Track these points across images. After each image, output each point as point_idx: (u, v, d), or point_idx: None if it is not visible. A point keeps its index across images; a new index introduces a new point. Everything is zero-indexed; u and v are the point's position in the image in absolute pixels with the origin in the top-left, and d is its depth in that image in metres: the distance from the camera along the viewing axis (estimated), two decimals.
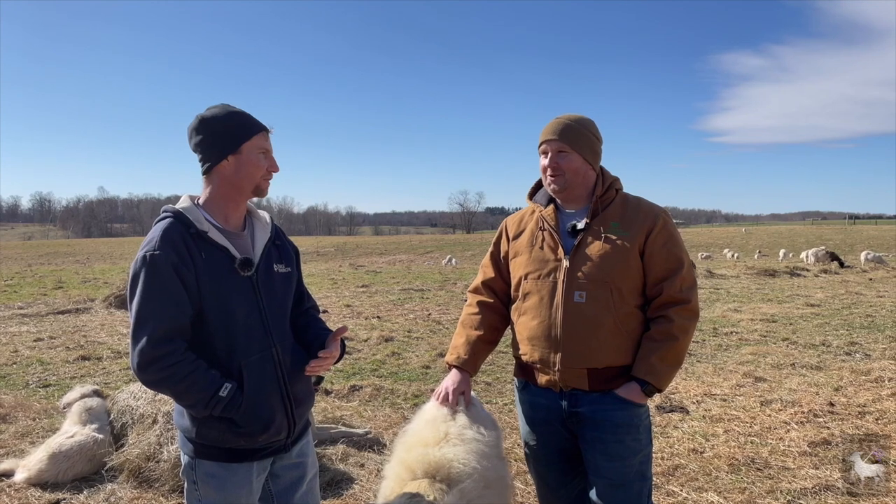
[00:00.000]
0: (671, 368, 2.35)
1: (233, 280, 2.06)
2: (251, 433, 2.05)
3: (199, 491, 2.12)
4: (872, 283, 15.49)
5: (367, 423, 5.37)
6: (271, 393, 2.11)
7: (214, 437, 2.05)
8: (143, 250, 1.97)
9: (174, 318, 1.95)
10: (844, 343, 8.31)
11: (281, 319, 2.20)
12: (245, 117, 2.12)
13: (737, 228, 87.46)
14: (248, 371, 2.05)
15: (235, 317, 2.06)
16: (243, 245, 2.14)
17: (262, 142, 2.12)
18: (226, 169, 2.09)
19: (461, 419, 2.47)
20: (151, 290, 1.94)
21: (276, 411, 2.11)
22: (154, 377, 1.94)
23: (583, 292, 2.34)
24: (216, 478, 2.10)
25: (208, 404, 1.97)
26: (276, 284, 2.19)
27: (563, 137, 2.41)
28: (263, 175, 2.14)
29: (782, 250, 28.92)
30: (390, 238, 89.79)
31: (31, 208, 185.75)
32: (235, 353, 2.05)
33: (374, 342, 8.88)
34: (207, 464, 2.10)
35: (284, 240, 2.31)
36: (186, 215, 2.04)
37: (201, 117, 2.10)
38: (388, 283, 17.99)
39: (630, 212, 2.43)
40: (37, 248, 60.44)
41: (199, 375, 1.96)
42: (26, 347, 8.86)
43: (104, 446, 4.35)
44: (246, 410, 2.02)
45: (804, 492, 3.86)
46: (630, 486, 2.39)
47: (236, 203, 2.15)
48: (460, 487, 2.20)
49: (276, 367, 2.14)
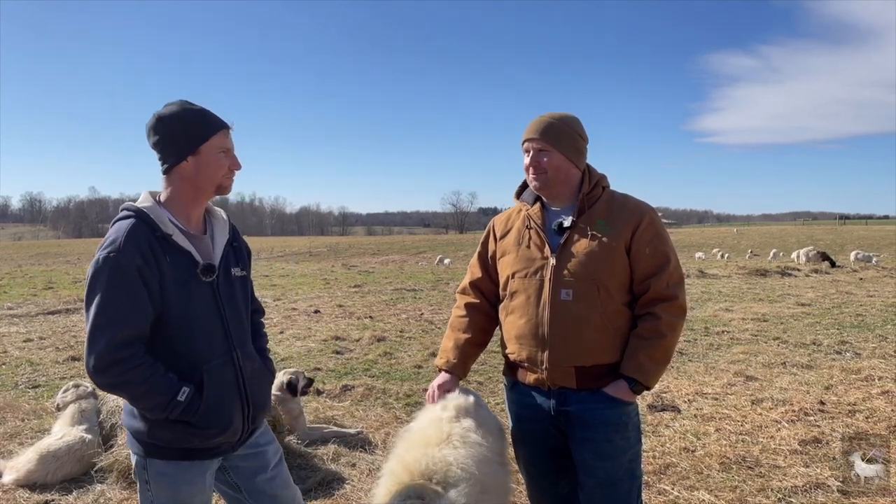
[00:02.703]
0: (659, 366, 2.35)
1: (195, 285, 2.05)
2: (207, 436, 2.05)
3: (151, 491, 2.11)
4: (862, 283, 15.57)
5: (359, 422, 5.36)
6: (231, 397, 2.11)
7: (167, 437, 2.04)
8: (104, 250, 1.93)
9: (135, 323, 1.93)
10: (835, 342, 8.34)
11: (240, 324, 2.20)
12: (204, 115, 2.08)
13: (728, 228, 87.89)
14: (208, 376, 2.05)
15: (197, 322, 2.05)
16: (204, 248, 2.13)
17: (221, 140, 2.09)
18: (185, 170, 2.06)
19: (467, 422, 2.46)
20: (113, 293, 1.90)
21: (234, 415, 2.11)
22: (112, 381, 1.92)
23: (569, 290, 2.34)
24: (168, 476, 2.09)
25: (166, 408, 1.96)
26: (235, 289, 2.20)
27: (543, 136, 2.42)
28: (225, 174, 2.12)
29: (773, 250, 29.04)
30: (383, 238, 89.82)
31: (22, 208, 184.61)
32: (196, 357, 2.04)
33: (367, 342, 8.86)
34: (159, 463, 2.09)
35: (240, 240, 2.31)
36: (150, 216, 2.01)
37: (158, 115, 2.06)
38: (381, 284, 17.96)
39: (616, 209, 2.43)
40: (27, 248, 60.08)
41: (158, 379, 1.95)
42: (16, 348, 8.79)
43: (93, 447, 4.33)
44: (204, 413, 2.02)
45: (795, 490, 3.88)
46: (620, 485, 2.39)
47: (198, 203, 2.14)
48: (456, 491, 2.19)
49: (237, 372, 2.14)
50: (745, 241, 49.21)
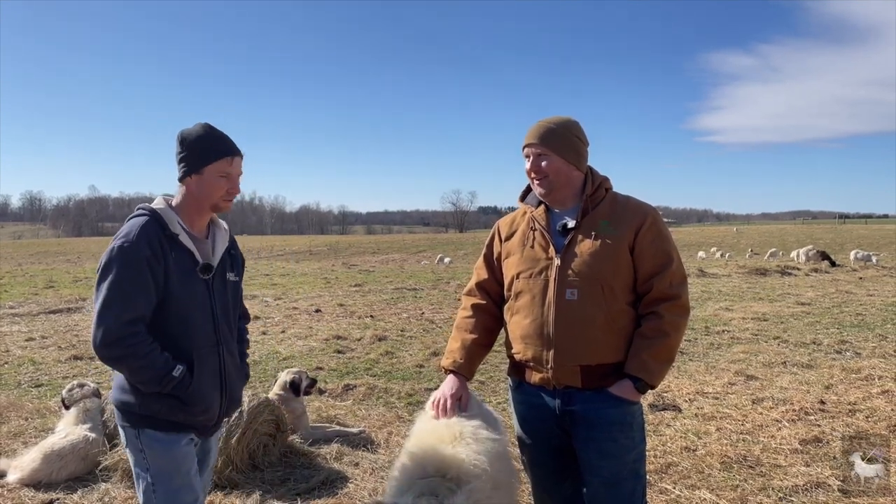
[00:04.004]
0: (663, 365, 2.37)
1: (193, 281, 2.32)
2: (193, 412, 2.30)
3: (146, 459, 2.30)
4: (862, 282, 15.60)
5: (361, 422, 5.38)
6: (213, 383, 2.36)
7: (156, 409, 2.26)
8: (118, 240, 2.19)
9: (140, 306, 2.18)
10: (835, 341, 8.37)
11: (227, 323, 2.46)
12: (214, 140, 2.33)
13: (728, 228, 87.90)
14: (197, 361, 2.30)
15: (191, 313, 2.30)
16: (205, 250, 2.40)
17: (224, 166, 2.32)
18: (189, 185, 2.34)
19: (475, 420, 2.48)
20: (123, 277, 2.15)
21: (213, 400, 2.37)
22: (116, 353, 2.16)
23: (574, 290, 2.36)
24: (161, 441, 2.30)
25: (161, 381, 2.20)
26: (227, 291, 2.47)
27: (542, 141, 2.45)
28: (222, 196, 2.36)
29: (770, 250, 29.03)
30: (383, 237, 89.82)
31: (22, 207, 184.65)
32: (187, 344, 2.29)
33: (368, 341, 8.88)
34: (151, 431, 2.29)
35: (237, 250, 2.59)
36: (162, 216, 2.28)
37: (180, 133, 2.34)
38: (382, 283, 17.98)
39: (619, 210, 2.46)
40: (27, 247, 60.08)
41: (156, 356, 2.20)
42: (18, 347, 8.82)
43: (98, 446, 4.35)
44: (193, 392, 2.27)
45: (796, 489, 3.90)
46: (624, 485, 2.40)
47: (199, 214, 2.39)
48: (469, 487, 2.20)
49: (220, 364, 2.40)
50: (745, 240, 49.23)
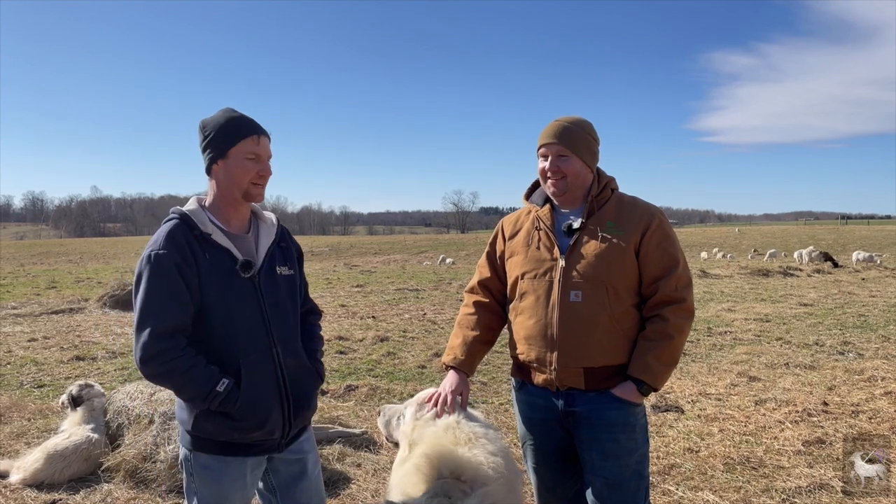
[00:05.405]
0: (667, 367, 2.36)
1: (234, 281, 2.12)
2: (246, 428, 2.11)
3: (195, 483, 2.19)
4: (865, 283, 15.58)
5: (363, 423, 5.38)
6: (269, 392, 2.16)
7: (210, 429, 2.11)
8: (148, 249, 2.06)
9: (175, 315, 2.03)
10: (837, 342, 8.35)
11: (283, 321, 2.24)
12: (236, 121, 2.14)
13: (730, 228, 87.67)
14: (245, 369, 2.11)
15: (235, 317, 2.12)
16: (247, 247, 2.20)
17: (251, 146, 2.13)
18: (217, 174, 2.16)
19: (479, 422, 2.48)
20: (154, 287, 2.02)
21: (272, 410, 2.15)
22: (156, 371, 2.02)
23: (579, 291, 2.36)
24: (210, 470, 2.16)
25: (206, 398, 2.04)
26: (280, 286, 2.24)
27: (562, 140, 2.42)
28: (252, 179, 2.14)
29: (770, 250, 29.01)
30: (385, 238, 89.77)
31: (24, 208, 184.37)
32: (234, 351, 2.11)
33: (370, 342, 8.87)
34: (203, 456, 2.16)
35: (290, 241, 2.38)
36: (192, 217, 2.12)
37: (202, 122, 2.18)
38: (383, 283, 17.97)
39: (626, 211, 2.45)
40: (29, 247, 60.15)
41: (199, 371, 2.03)
42: (20, 347, 8.82)
43: (100, 446, 4.35)
44: (242, 406, 2.08)
45: (799, 490, 3.89)
46: (627, 485, 2.40)
47: (233, 206, 2.20)
48: (484, 490, 2.18)
49: (276, 368, 2.19)
50: (747, 240, 49.14)
